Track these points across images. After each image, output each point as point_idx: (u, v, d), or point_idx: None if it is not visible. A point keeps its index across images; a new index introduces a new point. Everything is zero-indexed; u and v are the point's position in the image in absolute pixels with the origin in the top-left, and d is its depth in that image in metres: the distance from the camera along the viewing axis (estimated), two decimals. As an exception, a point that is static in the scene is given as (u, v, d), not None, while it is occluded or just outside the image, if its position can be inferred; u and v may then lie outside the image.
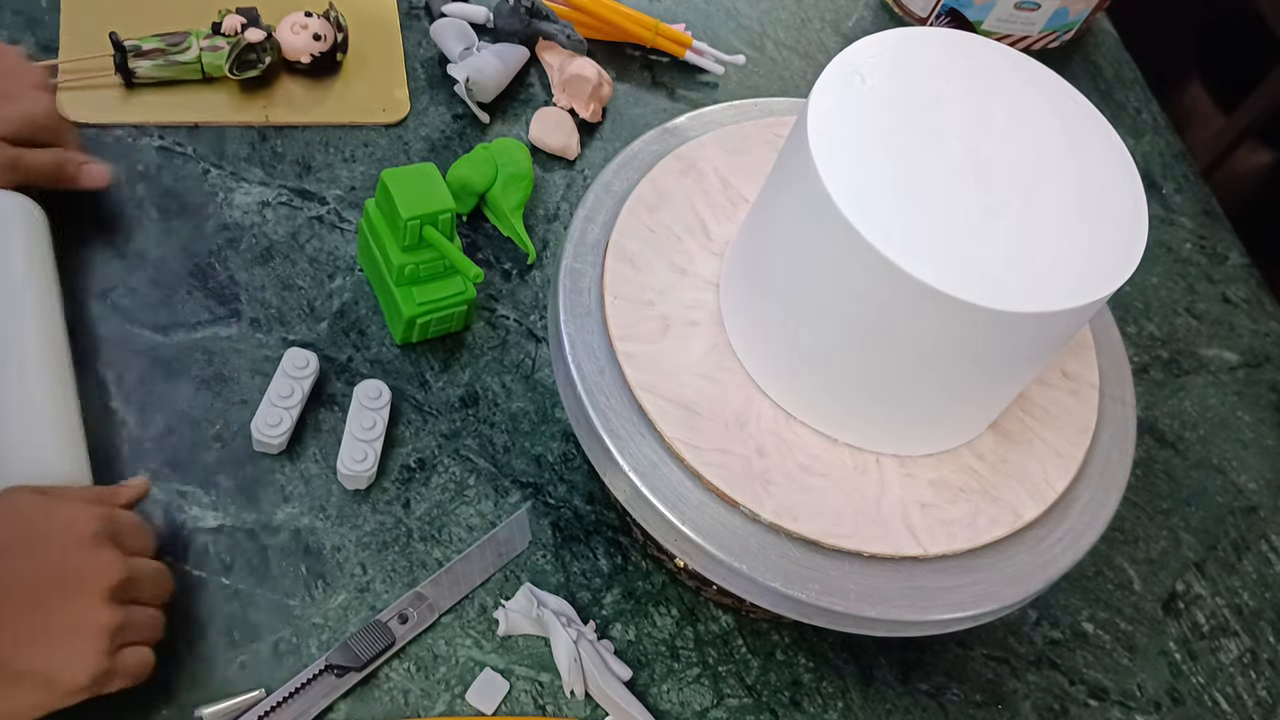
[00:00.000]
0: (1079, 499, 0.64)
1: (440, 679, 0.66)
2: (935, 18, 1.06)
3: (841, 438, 0.62)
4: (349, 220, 0.82)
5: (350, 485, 0.70)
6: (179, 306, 0.75)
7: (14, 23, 0.83)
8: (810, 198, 0.54)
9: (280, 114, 0.84)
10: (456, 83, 0.87)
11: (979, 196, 0.55)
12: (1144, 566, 0.81)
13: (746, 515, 0.59)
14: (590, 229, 0.67)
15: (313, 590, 0.67)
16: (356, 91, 0.87)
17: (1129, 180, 0.58)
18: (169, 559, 0.66)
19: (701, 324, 0.64)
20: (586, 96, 0.89)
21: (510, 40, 0.91)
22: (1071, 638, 0.77)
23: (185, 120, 0.82)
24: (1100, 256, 0.55)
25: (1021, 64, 0.61)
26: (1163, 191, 1.04)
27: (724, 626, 0.71)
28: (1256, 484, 0.87)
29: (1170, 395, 0.91)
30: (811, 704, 0.70)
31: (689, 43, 0.96)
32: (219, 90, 0.84)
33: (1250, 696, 0.77)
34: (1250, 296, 0.99)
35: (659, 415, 0.60)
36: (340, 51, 0.87)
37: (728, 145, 0.71)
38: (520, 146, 0.83)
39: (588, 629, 0.68)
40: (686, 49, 0.96)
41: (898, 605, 0.58)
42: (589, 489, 0.74)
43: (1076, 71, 1.11)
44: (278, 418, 0.69)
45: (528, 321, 0.80)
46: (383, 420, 0.71)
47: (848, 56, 0.58)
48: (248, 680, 0.63)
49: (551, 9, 0.92)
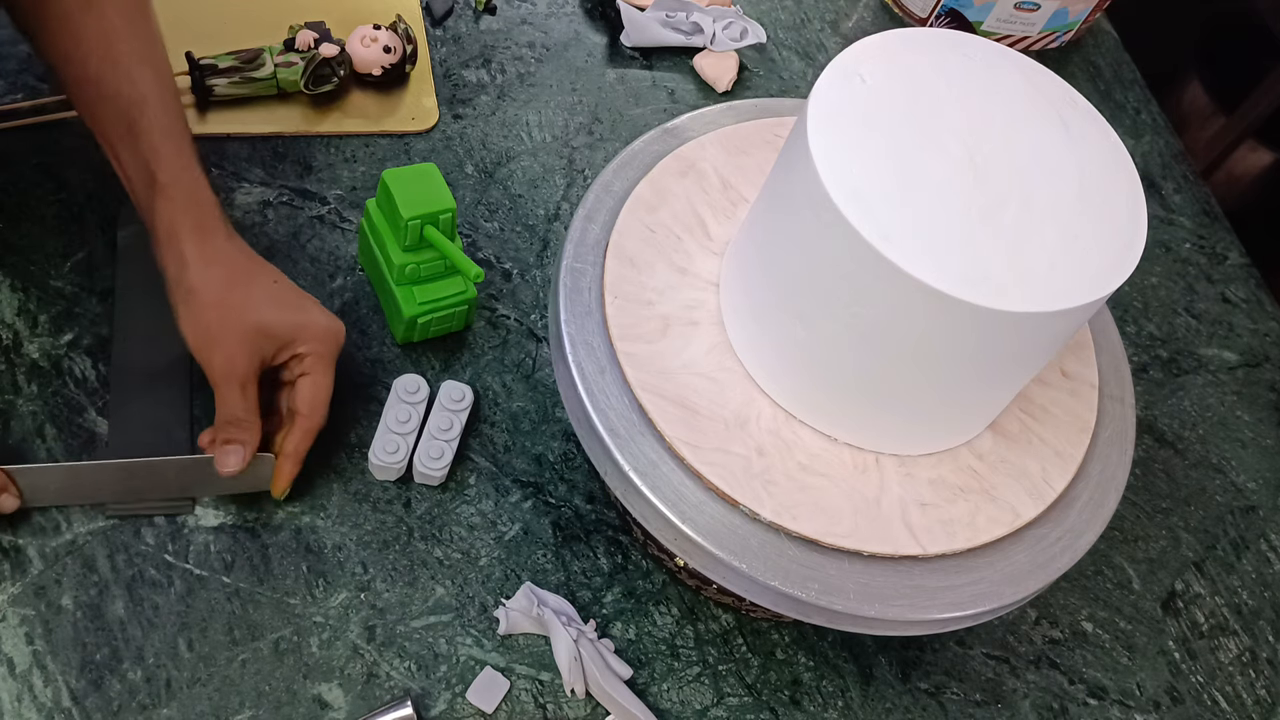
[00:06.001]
0: (1078, 498, 0.64)
1: (440, 678, 0.66)
2: (935, 18, 1.06)
3: (841, 437, 0.62)
4: (350, 220, 0.82)
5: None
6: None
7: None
8: (810, 198, 0.54)
9: (353, 124, 0.86)
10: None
11: (978, 196, 0.55)
12: (1143, 566, 0.81)
13: (746, 514, 0.59)
14: (590, 229, 0.67)
15: (313, 589, 0.67)
16: (392, 100, 0.88)
17: (1128, 180, 0.58)
18: (169, 557, 0.66)
19: (701, 324, 0.65)
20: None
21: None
22: (1071, 637, 0.77)
23: (263, 133, 0.83)
24: (1099, 256, 0.55)
25: (1021, 64, 0.61)
26: (1162, 191, 1.04)
27: (724, 625, 0.72)
28: (1256, 484, 0.88)
29: (1169, 395, 0.91)
30: (811, 703, 0.70)
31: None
32: (292, 105, 0.85)
33: (1249, 695, 0.78)
34: (1250, 296, 0.99)
35: (659, 415, 0.60)
36: (409, 63, 0.87)
37: (728, 145, 0.71)
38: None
39: (588, 628, 0.69)
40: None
41: (897, 604, 0.58)
42: (589, 488, 0.74)
43: (1076, 72, 1.11)
44: (395, 444, 0.70)
45: (528, 321, 0.81)
46: (460, 422, 0.73)
47: (848, 56, 0.58)
48: (248, 679, 0.64)
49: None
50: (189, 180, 0.66)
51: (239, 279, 0.66)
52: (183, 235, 0.65)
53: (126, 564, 0.66)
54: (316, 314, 0.69)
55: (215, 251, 0.66)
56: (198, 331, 0.65)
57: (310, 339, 0.67)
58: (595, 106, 0.93)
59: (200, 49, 0.82)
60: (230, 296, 0.65)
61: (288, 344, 0.67)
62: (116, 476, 0.66)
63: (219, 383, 0.65)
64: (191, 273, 0.65)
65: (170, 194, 0.65)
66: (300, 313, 0.68)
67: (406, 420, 0.71)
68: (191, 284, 0.65)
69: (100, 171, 0.78)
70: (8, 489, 0.64)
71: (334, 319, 0.69)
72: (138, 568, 0.66)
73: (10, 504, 0.64)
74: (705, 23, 0.97)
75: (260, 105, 0.84)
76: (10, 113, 0.79)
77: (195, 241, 0.65)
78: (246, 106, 0.84)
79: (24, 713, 0.61)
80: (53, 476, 0.65)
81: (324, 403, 0.68)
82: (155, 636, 0.64)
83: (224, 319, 0.65)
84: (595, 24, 0.99)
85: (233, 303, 0.65)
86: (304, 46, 0.84)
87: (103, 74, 0.65)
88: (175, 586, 0.66)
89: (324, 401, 0.68)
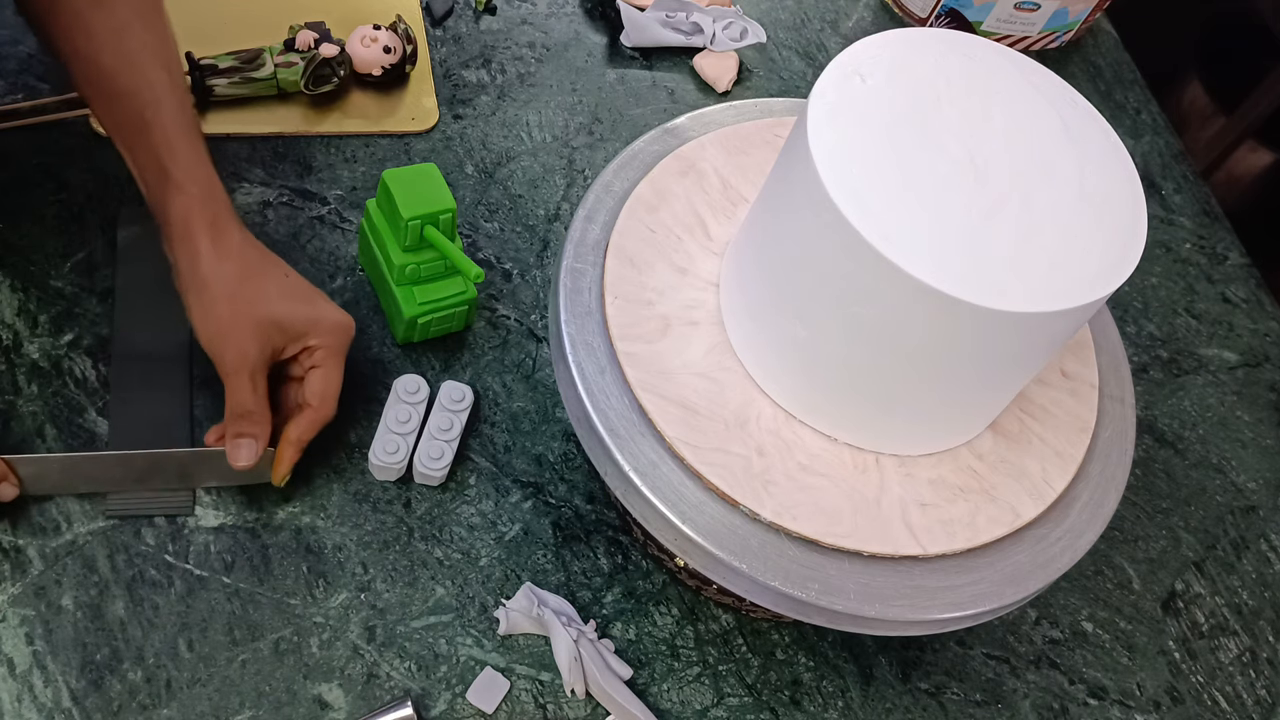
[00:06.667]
0: (1078, 498, 0.64)
1: (441, 678, 0.66)
2: (935, 18, 1.06)
3: (841, 437, 0.62)
4: (350, 220, 0.82)
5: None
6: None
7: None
8: (810, 198, 0.54)
9: (353, 125, 0.86)
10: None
11: (978, 196, 0.55)
12: (1143, 566, 0.81)
13: (746, 515, 0.59)
14: (590, 229, 0.67)
15: (314, 589, 0.67)
16: (391, 100, 0.88)
17: (1128, 180, 0.58)
18: (170, 558, 0.66)
19: (701, 324, 0.65)
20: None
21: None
22: (1071, 637, 0.77)
23: (261, 133, 0.83)
24: (1099, 256, 0.55)
25: (1021, 64, 0.61)
26: (1162, 192, 1.04)
27: (724, 625, 0.72)
28: (1256, 484, 0.88)
29: (1170, 395, 0.91)
30: (811, 703, 0.70)
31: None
32: (292, 105, 0.85)
33: (1249, 695, 0.78)
34: (1250, 296, 0.99)
35: (659, 415, 0.60)
36: (409, 63, 0.87)
37: (728, 145, 0.71)
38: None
39: (588, 628, 0.69)
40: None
41: (897, 604, 0.58)
42: (589, 488, 0.74)
43: (1076, 72, 1.11)
44: (395, 445, 0.70)
45: (528, 321, 0.81)
46: (460, 422, 0.73)
47: (848, 56, 0.58)
48: (248, 679, 0.64)
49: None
50: (203, 176, 0.67)
51: (251, 272, 0.67)
52: (196, 230, 0.65)
53: (127, 564, 0.66)
54: (327, 308, 0.69)
55: (228, 246, 0.66)
56: (209, 324, 0.66)
57: (322, 332, 0.68)
58: (595, 106, 0.93)
59: (200, 49, 0.82)
60: (242, 289, 0.66)
61: (299, 337, 0.67)
62: (116, 466, 0.66)
63: (230, 374, 0.65)
64: (204, 266, 0.65)
65: (184, 189, 0.66)
66: (311, 306, 0.68)
67: (406, 420, 0.71)
68: (204, 277, 0.65)
69: (100, 171, 0.79)
70: (7, 478, 0.64)
71: (344, 313, 0.69)
72: (138, 568, 0.66)
73: (9, 492, 0.64)
74: (705, 23, 0.97)
75: (260, 105, 0.84)
76: (10, 113, 0.79)
77: (208, 236, 0.66)
78: (246, 106, 0.84)
79: (24, 713, 0.61)
80: (52, 466, 0.65)
81: (334, 395, 0.68)
82: (155, 637, 0.64)
83: (236, 311, 0.65)
84: (595, 24, 0.99)
85: (245, 295, 0.66)
86: (304, 46, 0.84)
87: (115, 70, 0.66)
88: (175, 587, 0.66)
89: (334, 394, 0.68)
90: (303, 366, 0.68)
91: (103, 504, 0.67)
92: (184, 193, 0.66)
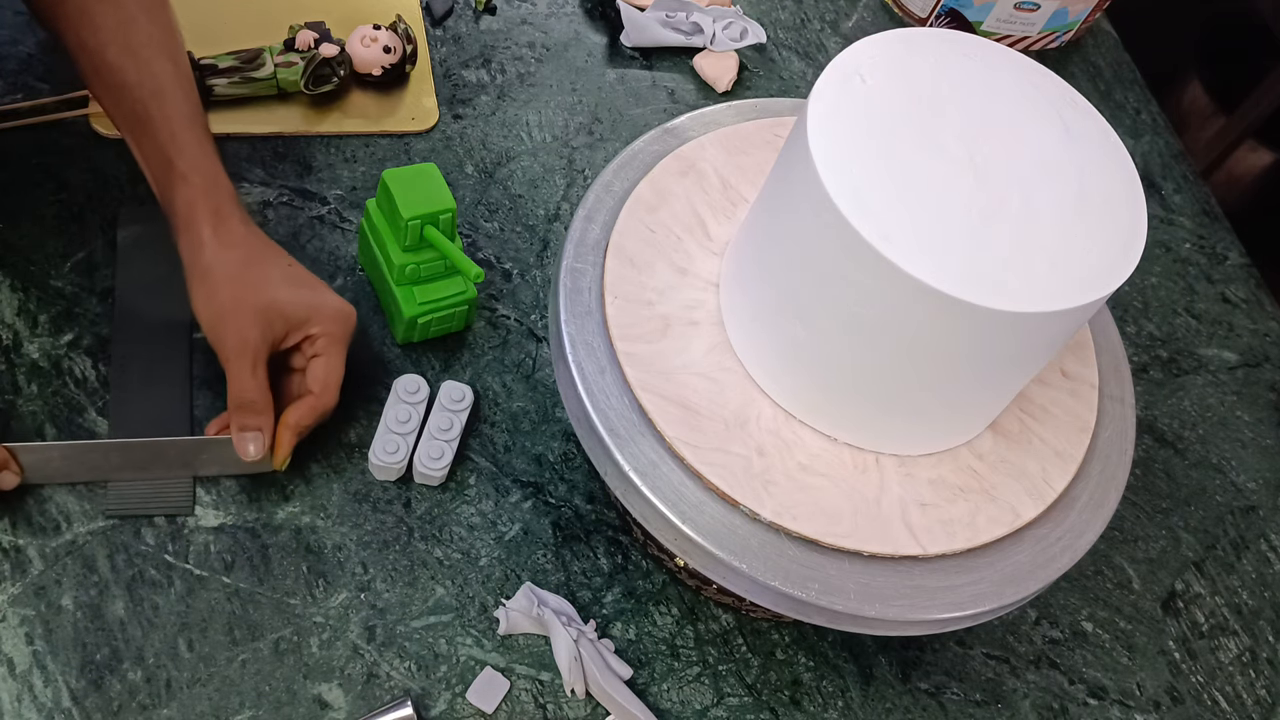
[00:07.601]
0: (1078, 498, 0.64)
1: (440, 678, 0.66)
2: (935, 18, 1.06)
3: (841, 437, 0.62)
4: (350, 220, 0.82)
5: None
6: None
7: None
8: (810, 198, 0.54)
9: (353, 124, 0.86)
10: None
11: (978, 196, 0.55)
12: (1143, 566, 0.81)
13: (746, 514, 0.59)
14: (590, 229, 0.67)
15: (314, 589, 0.67)
16: (391, 100, 0.88)
17: (1128, 180, 0.58)
18: (170, 557, 0.66)
19: (701, 324, 0.65)
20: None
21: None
22: (1071, 637, 0.77)
23: (262, 134, 0.83)
24: (1099, 256, 0.55)
25: (1021, 64, 0.61)
26: (1162, 192, 1.04)
27: (724, 625, 0.72)
28: (1255, 484, 0.88)
29: (1169, 395, 0.91)
30: (811, 703, 0.70)
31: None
32: (292, 105, 0.85)
33: (1249, 695, 0.78)
34: (1249, 296, 0.99)
35: (659, 415, 0.60)
36: (409, 63, 0.87)
37: (728, 145, 0.71)
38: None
39: (588, 628, 0.69)
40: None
41: (897, 604, 0.58)
42: (589, 488, 0.74)
43: (1076, 72, 1.11)
44: (395, 444, 0.70)
45: (528, 321, 0.81)
46: (460, 422, 0.73)
47: (848, 57, 0.58)
48: (248, 679, 0.64)
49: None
50: (208, 167, 0.67)
51: (254, 260, 0.67)
52: (200, 219, 0.66)
53: (126, 564, 0.66)
54: (329, 296, 0.69)
55: (231, 235, 0.67)
56: (211, 309, 0.66)
57: (323, 320, 0.68)
58: (595, 106, 0.93)
59: (200, 49, 0.82)
60: (245, 275, 0.66)
61: (300, 324, 0.67)
62: (117, 455, 0.66)
63: (230, 359, 0.65)
64: (207, 254, 0.66)
65: (190, 180, 0.66)
66: (314, 293, 0.69)
67: (406, 420, 0.71)
68: (207, 264, 0.66)
69: (100, 171, 0.79)
70: (9, 465, 0.64)
71: (346, 303, 0.70)
72: (138, 568, 0.66)
73: (11, 480, 0.64)
74: (705, 23, 0.97)
75: (260, 105, 0.84)
76: (10, 113, 0.79)
77: (211, 225, 0.66)
78: (246, 106, 0.84)
79: (24, 713, 0.61)
80: (54, 454, 0.66)
81: (335, 384, 0.68)
82: (155, 636, 0.64)
83: (238, 297, 0.66)
84: (595, 24, 0.99)
85: (247, 281, 0.66)
86: (304, 46, 0.84)
87: (121, 63, 0.66)
88: (175, 586, 0.66)
89: (335, 383, 0.68)
90: (305, 357, 0.69)
91: (103, 503, 0.67)
92: (188, 183, 0.66)
